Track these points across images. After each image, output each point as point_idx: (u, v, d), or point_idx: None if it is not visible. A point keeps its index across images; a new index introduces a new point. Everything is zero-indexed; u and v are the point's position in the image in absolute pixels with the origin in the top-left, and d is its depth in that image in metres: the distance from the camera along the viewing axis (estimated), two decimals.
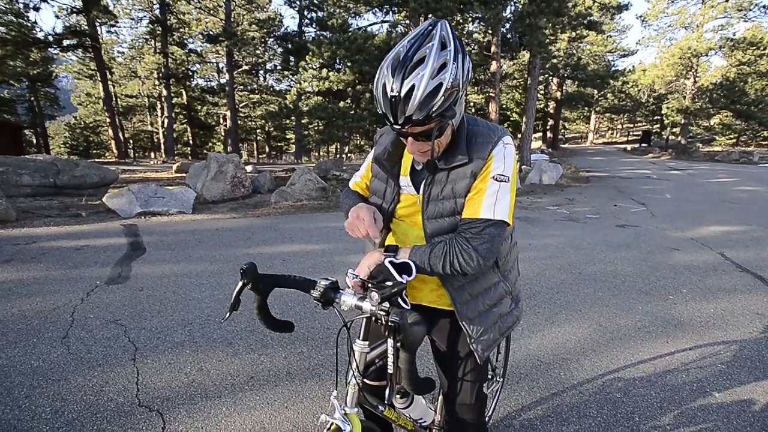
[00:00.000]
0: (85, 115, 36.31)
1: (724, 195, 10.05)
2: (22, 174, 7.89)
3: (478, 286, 1.14)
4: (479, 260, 0.99)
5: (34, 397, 2.11)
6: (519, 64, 27.81)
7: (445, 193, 1.07)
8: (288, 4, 20.18)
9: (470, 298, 1.13)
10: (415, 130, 0.94)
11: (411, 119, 0.90)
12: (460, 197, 1.05)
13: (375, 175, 1.25)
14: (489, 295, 1.16)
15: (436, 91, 0.88)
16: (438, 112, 0.90)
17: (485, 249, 1.00)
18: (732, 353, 2.67)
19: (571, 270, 4.31)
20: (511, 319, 1.23)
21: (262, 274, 0.95)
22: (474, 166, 1.04)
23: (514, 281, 1.24)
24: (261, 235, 5.51)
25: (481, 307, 1.15)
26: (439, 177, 1.08)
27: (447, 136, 1.03)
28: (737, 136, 33.09)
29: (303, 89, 15.90)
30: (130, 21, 28.94)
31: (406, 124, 0.91)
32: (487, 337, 1.16)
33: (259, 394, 2.18)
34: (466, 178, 1.04)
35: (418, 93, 0.87)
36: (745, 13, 26.84)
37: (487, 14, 11.58)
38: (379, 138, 1.23)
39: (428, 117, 0.90)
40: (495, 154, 1.03)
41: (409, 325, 0.82)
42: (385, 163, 1.16)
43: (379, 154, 1.17)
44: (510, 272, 1.22)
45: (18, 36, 19.36)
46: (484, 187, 1.02)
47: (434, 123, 0.93)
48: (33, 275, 3.82)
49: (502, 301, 1.19)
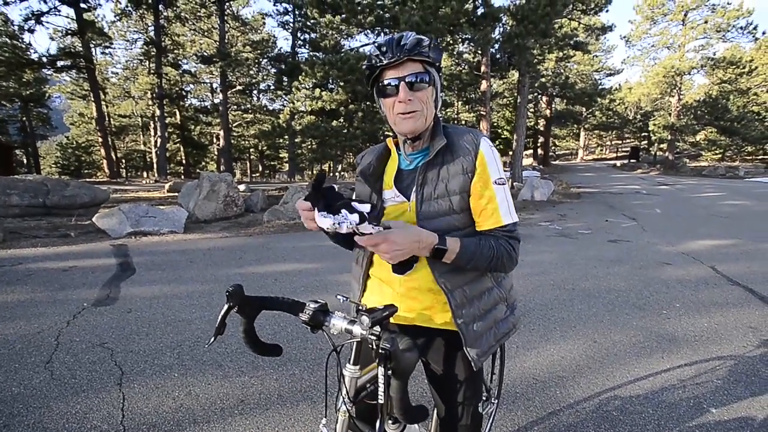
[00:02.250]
0: (77, 135, 36.23)
1: (713, 209, 10.20)
2: (11, 194, 7.79)
3: (474, 289, 1.13)
4: (516, 260, 1.09)
5: (13, 426, 2.02)
6: (508, 83, 28.45)
7: (438, 191, 1.08)
8: (281, 26, 20.61)
9: (466, 301, 1.12)
10: (404, 68, 1.03)
11: (404, 48, 1.01)
12: (455, 195, 1.07)
13: (358, 194, 1.25)
14: (484, 300, 1.16)
15: (422, 40, 1.04)
16: (426, 51, 1.03)
17: (518, 251, 1.09)
18: (727, 368, 2.66)
19: (564, 286, 4.31)
20: (507, 326, 1.22)
21: (248, 297, 0.93)
22: (464, 161, 1.06)
23: (508, 288, 1.24)
24: (253, 254, 5.46)
25: (477, 311, 1.14)
26: (431, 176, 1.09)
27: (431, 103, 1.08)
28: (723, 152, 33.85)
29: (296, 108, 16.06)
30: (125, 42, 29.26)
31: (402, 54, 1.01)
32: (482, 342, 1.14)
33: (249, 419, 2.12)
34: (458, 174, 1.06)
35: (407, 36, 1.04)
36: (724, 34, 27.86)
37: (477, 35, 11.88)
38: (361, 159, 1.26)
39: (422, 50, 1.02)
40: (485, 154, 1.06)
41: (401, 351, 0.79)
42: (370, 178, 1.18)
43: (364, 168, 1.19)
44: (504, 279, 1.22)
45: (12, 57, 19.47)
46: (492, 194, 1.06)
47: (419, 66, 1.03)
48: (18, 297, 3.73)
49: (497, 306, 1.19)
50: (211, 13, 24.67)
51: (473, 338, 1.12)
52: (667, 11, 29.03)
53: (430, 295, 1.13)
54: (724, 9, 27.01)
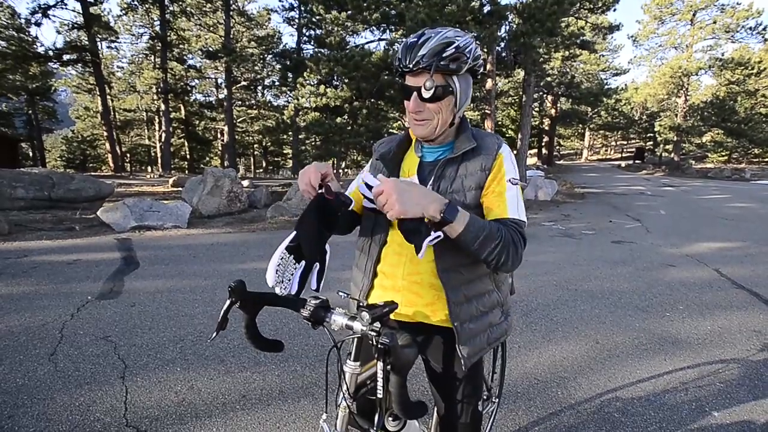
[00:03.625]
0: (82, 129, 36.38)
1: (718, 211, 10.13)
2: (17, 187, 7.84)
3: (474, 289, 1.14)
4: (521, 257, 1.01)
5: (17, 417, 2.04)
6: (514, 81, 28.28)
7: (455, 187, 1.08)
8: (287, 21, 20.57)
9: (465, 300, 1.13)
10: (418, 78, 1.01)
11: (421, 61, 0.97)
12: (470, 190, 1.07)
13: None
14: (482, 301, 1.16)
15: (449, 44, 0.98)
16: (446, 62, 0.97)
17: (523, 249, 1.02)
18: (731, 372, 2.64)
19: (567, 286, 4.29)
20: (500, 331, 1.23)
21: (250, 293, 0.93)
22: (484, 159, 1.07)
23: (506, 295, 1.25)
24: (256, 250, 5.47)
25: (474, 312, 1.14)
26: (449, 172, 1.10)
27: (448, 111, 1.06)
28: (729, 154, 33.60)
29: (301, 105, 16.04)
30: (131, 37, 29.30)
31: (415, 65, 0.98)
32: (474, 342, 1.14)
33: (251, 414, 2.13)
34: (476, 171, 1.07)
35: (432, 41, 0.98)
36: (733, 34, 27.63)
37: (483, 33, 11.81)
38: (379, 146, 1.28)
39: (439, 61, 0.97)
40: (504, 156, 1.08)
41: (400, 347, 0.80)
42: (389, 162, 1.20)
43: (385, 153, 1.22)
44: (503, 284, 1.23)
45: (18, 50, 19.55)
46: (503, 189, 1.05)
47: (439, 77, 1.00)
48: (23, 290, 3.76)
49: (493, 310, 1.19)
50: (216, 8, 24.68)
51: (466, 337, 1.13)
52: (676, 11, 28.80)
53: (431, 291, 1.13)
54: (734, 9, 26.77)
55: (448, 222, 0.91)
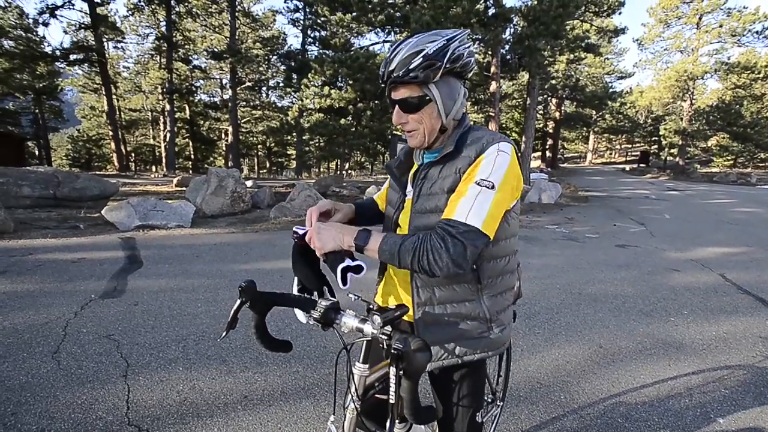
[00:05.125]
0: (88, 128, 36.62)
1: (723, 216, 10.06)
2: (23, 185, 7.89)
3: (445, 295, 1.10)
4: (449, 262, 0.93)
5: (20, 414, 2.05)
6: (518, 84, 28.28)
7: (434, 188, 1.07)
8: (292, 23, 20.66)
9: (433, 302, 1.10)
10: (397, 92, 1.03)
11: (392, 74, 1.00)
12: (443, 194, 1.05)
13: (391, 186, 1.30)
14: (454, 309, 1.10)
15: (417, 53, 0.97)
16: (414, 73, 0.97)
17: (458, 253, 0.93)
18: (735, 378, 2.62)
19: (570, 290, 4.27)
20: (478, 345, 1.12)
21: (261, 293, 0.93)
22: (461, 162, 1.03)
23: (498, 309, 1.13)
24: (259, 250, 5.48)
25: (440, 316, 1.10)
26: (432, 173, 1.09)
27: (432, 119, 1.05)
28: (734, 158, 33.41)
29: (305, 106, 16.10)
30: (137, 37, 29.55)
31: (388, 79, 1.01)
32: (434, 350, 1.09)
33: (252, 415, 2.12)
34: (451, 174, 1.04)
35: (401, 52, 0.98)
36: (739, 38, 27.48)
37: (487, 35, 11.82)
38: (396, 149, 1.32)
39: (406, 74, 0.98)
40: (486, 155, 1.00)
41: (413, 352, 0.78)
42: (396, 171, 1.23)
43: (391, 162, 1.26)
44: (496, 297, 1.13)
45: (26, 50, 19.74)
46: (464, 190, 0.99)
47: (414, 87, 1.00)
48: (27, 288, 3.78)
49: (468, 322, 1.11)
50: (222, 9, 24.81)
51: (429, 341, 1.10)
52: (682, 14, 28.70)
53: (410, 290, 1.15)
54: (740, 13, 26.63)
55: (362, 247, 0.99)
